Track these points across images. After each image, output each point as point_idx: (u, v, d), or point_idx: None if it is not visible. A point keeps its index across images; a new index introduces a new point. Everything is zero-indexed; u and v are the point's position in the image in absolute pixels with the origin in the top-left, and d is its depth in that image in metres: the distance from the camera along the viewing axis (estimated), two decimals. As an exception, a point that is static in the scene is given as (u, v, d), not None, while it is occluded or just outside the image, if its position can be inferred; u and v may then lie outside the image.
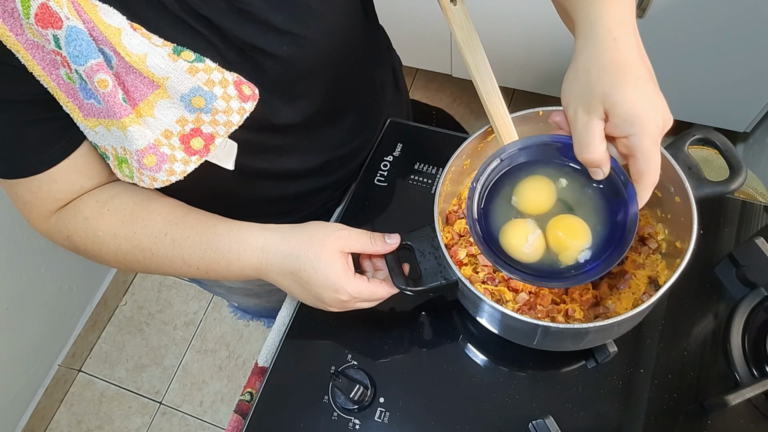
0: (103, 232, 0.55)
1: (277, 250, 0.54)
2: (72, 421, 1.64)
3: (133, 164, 0.50)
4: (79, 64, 0.43)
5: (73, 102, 0.47)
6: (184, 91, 0.47)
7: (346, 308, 0.56)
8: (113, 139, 0.50)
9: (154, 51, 0.45)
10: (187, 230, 0.55)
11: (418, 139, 0.82)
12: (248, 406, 0.66)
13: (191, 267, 0.56)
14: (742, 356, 0.59)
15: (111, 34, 0.43)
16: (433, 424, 0.61)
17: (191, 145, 0.51)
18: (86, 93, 0.47)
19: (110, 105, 0.45)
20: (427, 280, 0.56)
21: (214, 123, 0.50)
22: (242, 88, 0.50)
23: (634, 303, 0.58)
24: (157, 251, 0.55)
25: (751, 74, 1.35)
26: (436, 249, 0.56)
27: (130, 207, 0.56)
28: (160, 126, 0.49)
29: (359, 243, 0.54)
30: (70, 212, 0.56)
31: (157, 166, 0.50)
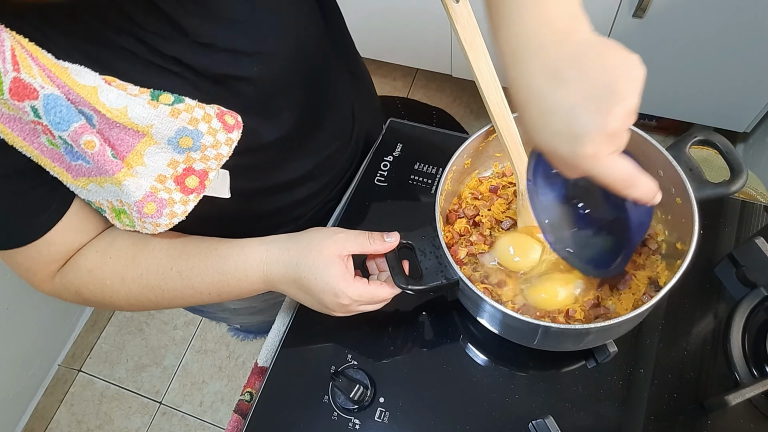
0: (110, 279, 0.55)
1: (279, 260, 0.55)
2: (72, 421, 1.64)
3: (133, 215, 0.50)
4: (63, 130, 0.42)
5: (59, 166, 0.47)
6: (170, 135, 0.47)
7: (350, 312, 0.56)
8: (108, 194, 0.49)
9: (133, 101, 0.44)
10: (191, 259, 0.56)
11: (418, 139, 0.82)
12: (248, 406, 0.66)
13: (203, 294, 0.57)
14: (742, 356, 0.59)
15: (87, 93, 0.43)
16: (433, 424, 0.61)
17: (187, 184, 0.51)
18: (73, 155, 0.46)
19: (100, 164, 0.45)
20: (428, 279, 0.56)
21: (205, 159, 0.51)
22: (225, 119, 0.50)
23: (635, 304, 0.58)
24: (167, 286, 0.56)
25: (751, 74, 1.35)
26: (437, 248, 0.56)
27: (130, 250, 0.56)
28: (152, 173, 0.49)
29: (357, 244, 0.54)
30: (72, 268, 0.56)
31: (158, 213, 0.50)
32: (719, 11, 1.23)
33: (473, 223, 0.66)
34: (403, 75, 2.08)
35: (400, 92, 2.05)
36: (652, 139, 0.58)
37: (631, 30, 1.34)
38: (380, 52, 1.82)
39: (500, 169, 0.70)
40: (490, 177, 0.70)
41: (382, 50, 1.81)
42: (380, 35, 1.72)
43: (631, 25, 1.33)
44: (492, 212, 0.66)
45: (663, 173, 0.58)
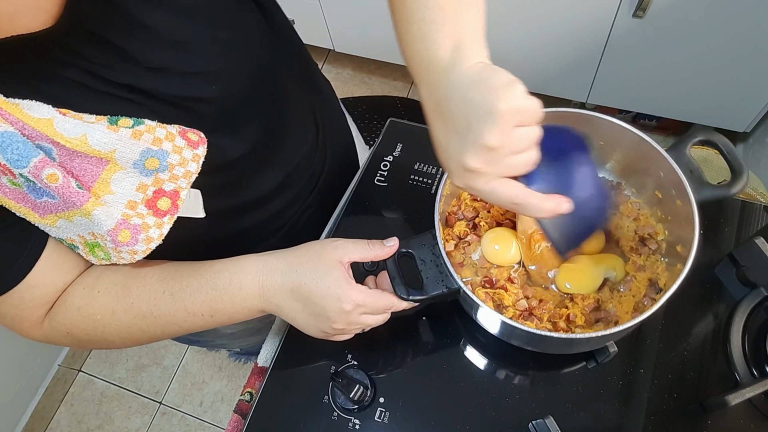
0: (100, 314, 0.53)
1: (276, 268, 0.53)
2: (72, 421, 1.64)
3: (108, 245, 0.49)
4: (22, 167, 0.41)
5: (25, 206, 0.45)
6: (135, 158, 0.46)
7: (352, 323, 0.54)
8: (78, 228, 0.48)
9: (92, 128, 0.43)
10: (183, 280, 0.54)
11: (418, 139, 0.82)
12: (248, 406, 0.66)
13: (196, 315, 0.54)
14: (742, 356, 0.59)
15: (43, 126, 0.41)
16: (433, 424, 0.61)
17: (159, 207, 0.49)
18: (37, 192, 0.44)
19: (66, 197, 0.44)
20: (429, 288, 0.55)
21: (174, 178, 0.49)
22: (188, 136, 0.49)
23: (635, 306, 0.58)
24: (158, 312, 0.54)
25: (751, 74, 1.35)
26: (437, 257, 0.56)
27: (120, 281, 0.54)
28: (122, 200, 0.47)
29: (357, 251, 0.53)
30: (61, 308, 0.54)
31: (133, 239, 0.48)
32: (719, 11, 1.23)
33: (472, 226, 0.66)
34: (403, 75, 2.08)
35: (400, 92, 2.05)
36: (652, 140, 0.58)
37: (631, 30, 1.34)
38: (380, 52, 1.82)
39: None
40: None
41: (382, 50, 1.81)
42: (380, 35, 1.71)
43: (631, 25, 1.33)
44: (491, 214, 0.66)
45: (663, 174, 0.58)
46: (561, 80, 1.59)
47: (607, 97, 1.58)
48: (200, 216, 0.55)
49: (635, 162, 0.62)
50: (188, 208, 0.53)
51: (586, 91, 1.58)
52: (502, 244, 0.64)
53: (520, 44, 1.51)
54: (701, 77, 1.41)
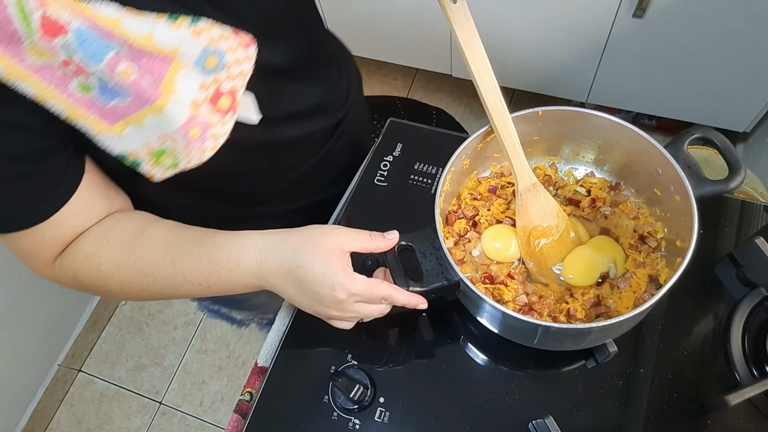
0: (105, 265, 0.55)
1: (276, 249, 0.54)
2: (72, 421, 1.64)
3: (178, 145, 0.50)
4: (98, 61, 0.42)
5: (93, 114, 0.47)
6: (196, 56, 0.47)
7: (345, 311, 0.55)
8: (147, 133, 0.49)
9: (156, 26, 0.45)
10: (185, 247, 0.55)
11: (418, 139, 0.82)
12: (248, 406, 0.66)
13: (193, 284, 0.56)
14: (742, 356, 0.59)
15: (111, 25, 0.43)
16: (433, 424, 0.61)
17: (220, 105, 0.51)
18: (108, 94, 0.46)
19: (140, 92, 0.45)
20: (428, 281, 0.55)
21: (231, 78, 0.51)
22: (240, 36, 0.51)
23: (635, 302, 0.58)
24: (158, 274, 0.55)
25: (751, 74, 1.35)
26: (437, 250, 0.56)
27: (128, 236, 0.56)
28: (187, 98, 0.49)
29: (358, 241, 0.54)
30: (71, 253, 0.56)
31: (202, 136, 0.50)
32: (719, 11, 1.23)
33: (472, 224, 0.66)
34: (403, 75, 2.08)
35: (400, 92, 2.05)
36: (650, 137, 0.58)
37: (631, 30, 1.34)
38: (380, 52, 1.82)
39: (499, 169, 0.70)
40: (488, 177, 0.70)
41: (382, 50, 1.81)
42: (380, 35, 1.72)
43: (631, 25, 1.33)
44: (491, 212, 0.66)
45: (661, 171, 0.58)
46: (561, 80, 1.59)
47: (607, 97, 1.58)
48: (255, 120, 0.57)
49: (634, 161, 0.62)
50: (244, 109, 0.55)
51: (586, 91, 1.58)
52: (502, 241, 0.64)
53: (520, 44, 1.51)
54: (701, 77, 1.41)
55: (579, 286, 0.61)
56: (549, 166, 0.70)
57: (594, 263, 0.62)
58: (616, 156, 0.65)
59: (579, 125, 0.64)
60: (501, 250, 0.64)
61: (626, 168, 0.65)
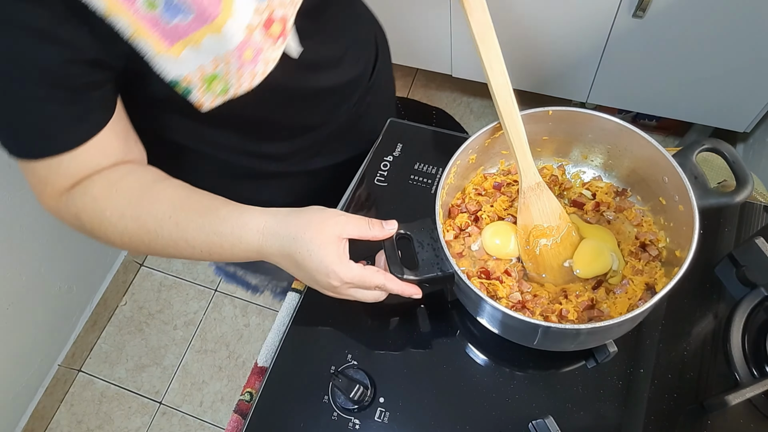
0: (110, 212, 0.55)
1: (276, 233, 0.54)
2: (72, 421, 1.64)
3: (231, 67, 0.52)
4: None
5: (155, 32, 0.48)
6: None
7: (340, 294, 0.56)
8: (203, 55, 0.50)
9: None
10: (190, 213, 0.56)
11: (418, 139, 0.82)
12: (248, 406, 0.66)
13: (195, 249, 0.56)
14: (742, 356, 0.59)
15: None
16: (433, 424, 0.61)
17: (272, 31, 0.53)
18: (172, 12, 0.47)
19: (202, 8, 0.47)
20: (423, 270, 0.56)
21: (282, 5, 0.53)
22: None
23: (629, 308, 0.58)
24: (162, 233, 0.56)
25: (751, 74, 1.35)
26: (435, 241, 0.56)
27: (137, 188, 0.56)
28: (243, 21, 0.50)
29: (357, 228, 0.55)
30: (80, 191, 0.56)
31: (254, 59, 0.52)
32: (719, 11, 1.22)
33: (474, 219, 0.66)
34: (403, 75, 2.08)
35: (400, 92, 2.05)
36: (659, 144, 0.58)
37: (631, 30, 1.34)
38: (380, 52, 1.82)
39: (506, 166, 0.70)
40: (495, 174, 0.70)
41: (382, 50, 1.81)
42: (380, 35, 1.72)
43: (631, 25, 1.33)
44: (494, 209, 0.66)
45: (668, 179, 0.58)
46: (561, 80, 1.59)
47: (607, 97, 1.58)
48: (295, 53, 0.59)
49: (641, 167, 0.62)
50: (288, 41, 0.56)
51: (586, 91, 1.58)
52: (503, 237, 0.64)
53: (520, 44, 1.51)
54: (701, 77, 1.41)
55: (591, 276, 0.62)
56: (557, 168, 0.70)
57: (600, 251, 0.62)
58: (625, 162, 0.64)
59: (589, 128, 0.64)
60: (500, 247, 0.64)
61: (634, 174, 0.65)
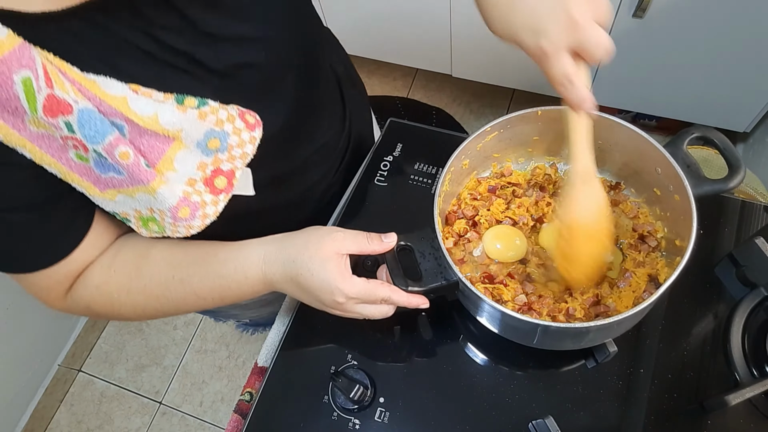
0: (117, 293, 0.56)
1: (277, 259, 0.55)
2: (72, 421, 1.64)
3: (166, 221, 0.51)
4: (97, 143, 0.43)
5: (87, 180, 0.48)
6: (199, 138, 0.48)
7: (347, 311, 0.55)
8: (137, 204, 0.50)
9: (162, 107, 0.45)
10: (191, 267, 0.56)
11: (418, 139, 0.82)
12: (248, 406, 0.66)
13: (206, 300, 0.57)
14: (742, 356, 0.59)
15: (118, 104, 0.43)
16: (433, 424, 0.61)
17: (216, 185, 0.52)
18: (103, 167, 0.46)
19: (135, 174, 0.46)
20: (427, 280, 0.55)
21: (232, 159, 0.52)
22: (246, 118, 0.52)
23: (635, 301, 0.58)
24: (170, 295, 0.56)
25: (751, 74, 1.35)
26: (436, 250, 0.56)
27: (133, 261, 0.57)
28: (183, 177, 0.50)
29: (355, 243, 0.54)
30: (81, 285, 0.56)
31: (191, 216, 0.51)
32: (719, 11, 1.22)
33: (472, 224, 0.66)
34: (403, 75, 2.08)
35: (400, 92, 2.05)
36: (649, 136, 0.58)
37: (631, 30, 1.34)
38: (380, 52, 1.82)
39: (499, 169, 0.70)
40: (488, 177, 0.70)
41: (382, 50, 1.81)
42: (380, 35, 1.72)
43: (631, 25, 1.33)
44: (491, 212, 0.66)
45: (661, 171, 0.58)
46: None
47: (607, 97, 1.58)
48: (250, 194, 0.58)
49: (633, 160, 0.62)
50: (241, 186, 0.56)
51: (586, 91, 1.58)
52: (504, 241, 0.64)
53: (520, 44, 1.51)
54: (701, 77, 1.41)
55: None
56: (549, 166, 0.70)
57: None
58: (616, 156, 0.65)
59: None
60: (502, 251, 0.64)
61: (626, 167, 0.65)
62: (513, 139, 0.66)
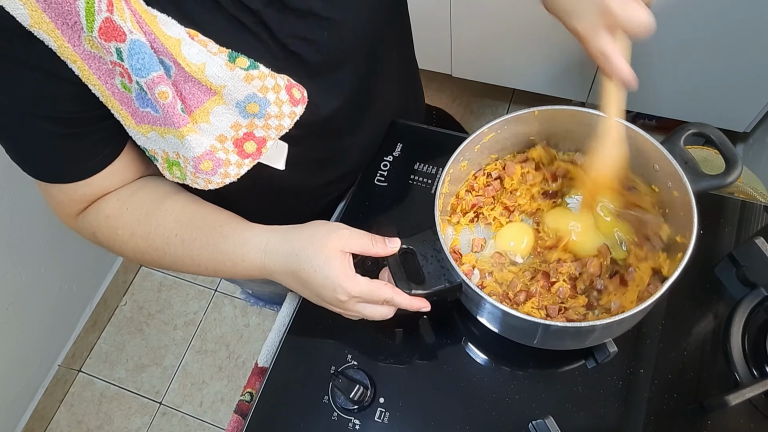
0: (122, 230, 0.57)
1: (279, 250, 0.54)
2: (72, 421, 1.64)
3: (188, 169, 0.52)
4: (141, 77, 0.44)
5: (126, 110, 0.49)
6: (240, 98, 0.49)
7: (348, 310, 0.55)
8: (166, 145, 0.51)
9: (212, 60, 0.46)
10: (195, 231, 0.56)
11: (418, 139, 0.82)
12: (248, 406, 0.66)
13: (200, 266, 0.57)
14: (742, 356, 0.59)
15: (171, 45, 0.44)
16: (433, 424, 0.61)
17: (245, 148, 0.53)
18: (143, 102, 0.48)
19: (169, 115, 0.47)
20: (430, 283, 0.55)
21: (267, 127, 0.52)
22: (293, 92, 0.52)
23: (639, 296, 0.58)
24: (169, 251, 0.57)
25: (751, 74, 1.35)
26: (438, 252, 0.56)
27: (146, 206, 0.58)
28: (215, 131, 0.50)
29: (360, 244, 0.54)
30: (94, 211, 0.58)
31: (212, 171, 0.52)
32: (719, 11, 1.22)
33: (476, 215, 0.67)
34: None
35: (400, 92, 2.05)
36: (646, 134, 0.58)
37: (631, 30, 1.34)
38: (380, 52, 1.81)
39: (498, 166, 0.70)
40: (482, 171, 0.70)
41: (382, 50, 1.80)
42: (380, 35, 1.71)
43: (631, 25, 1.33)
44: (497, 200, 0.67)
45: (658, 168, 0.58)
46: (561, 80, 1.59)
47: (607, 97, 1.58)
48: (280, 167, 0.58)
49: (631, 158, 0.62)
50: (271, 156, 0.56)
51: (586, 91, 1.58)
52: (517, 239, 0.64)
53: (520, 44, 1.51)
54: (701, 77, 1.41)
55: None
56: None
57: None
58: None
59: (574, 124, 0.64)
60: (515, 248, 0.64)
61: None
62: (510, 139, 0.66)
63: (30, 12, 0.40)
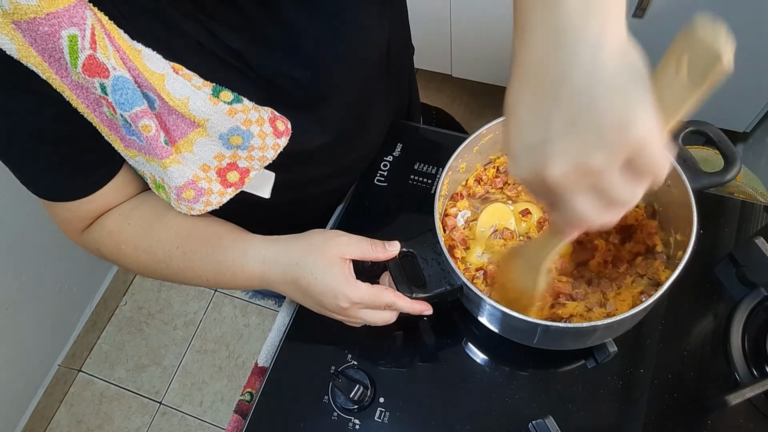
0: (125, 245, 0.58)
1: (278, 260, 0.55)
2: (72, 421, 1.64)
3: (171, 194, 0.53)
4: (125, 110, 0.45)
5: (114, 134, 0.50)
6: (223, 131, 0.49)
7: (350, 316, 0.55)
8: (152, 170, 0.52)
9: (196, 95, 0.47)
10: (195, 243, 0.57)
11: (418, 139, 0.82)
12: (248, 406, 0.66)
13: (201, 278, 0.58)
14: (742, 356, 0.59)
15: (155, 80, 0.45)
16: (433, 424, 0.61)
17: (228, 178, 0.54)
18: (128, 130, 0.48)
19: (152, 146, 0.48)
20: (431, 286, 0.55)
21: (250, 158, 0.53)
22: (276, 124, 0.52)
23: (634, 301, 0.58)
24: (171, 263, 0.57)
25: (751, 74, 1.35)
26: (438, 255, 0.56)
27: (148, 219, 0.58)
28: (198, 161, 0.51)
29: (359, 249, 0.54)
30: (97, 227, 0.59)
31: (194, 199, 0.53)
32: (719, 11, 1.22)
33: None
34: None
35: (400, 92, 2.05)
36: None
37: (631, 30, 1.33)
38: (380, 52, 1.82)
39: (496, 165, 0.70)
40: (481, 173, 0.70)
41: (382, 50, 1.80)
42: (380, 35, 1.71)
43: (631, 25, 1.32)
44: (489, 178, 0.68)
45: None
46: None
47: (607, 97, 1.58)
48: (265, 196, 0.58)
49: None
50: (255, 185, 0.57)
51: (586, 91, 1.58)
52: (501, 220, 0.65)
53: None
54: (701, 77, 1.41)
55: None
56: None
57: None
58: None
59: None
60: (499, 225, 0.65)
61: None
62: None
63: (17, 46, 0.41)
